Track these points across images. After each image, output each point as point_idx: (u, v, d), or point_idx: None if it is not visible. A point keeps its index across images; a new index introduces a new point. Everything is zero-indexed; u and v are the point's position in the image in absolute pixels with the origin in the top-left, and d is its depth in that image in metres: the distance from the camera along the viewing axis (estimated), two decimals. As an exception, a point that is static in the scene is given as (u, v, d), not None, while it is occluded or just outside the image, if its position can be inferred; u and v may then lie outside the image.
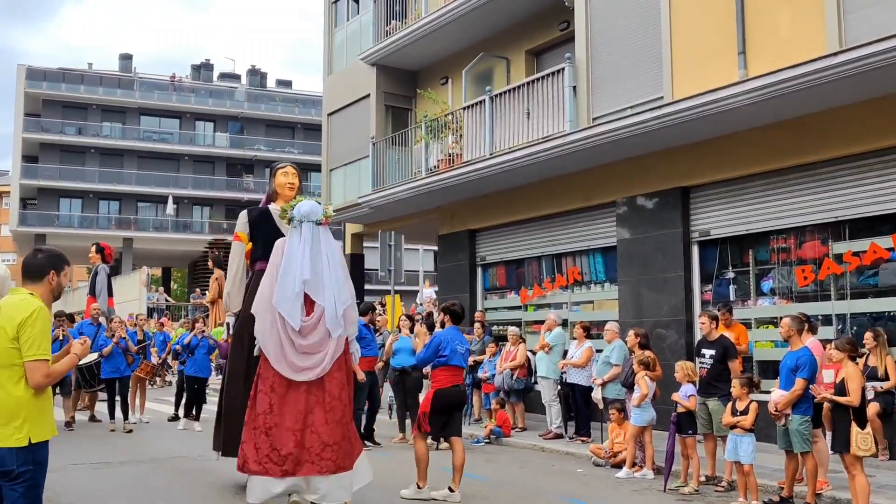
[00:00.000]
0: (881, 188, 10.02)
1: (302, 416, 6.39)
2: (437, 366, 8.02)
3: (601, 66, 12.99)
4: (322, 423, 6.39)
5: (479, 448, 11.52)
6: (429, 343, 8.21)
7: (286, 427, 6.36)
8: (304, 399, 6.43)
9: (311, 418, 6.39)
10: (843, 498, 7.68)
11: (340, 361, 6.64)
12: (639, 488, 8.69)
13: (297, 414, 6.39)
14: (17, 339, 4.10)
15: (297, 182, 8.23)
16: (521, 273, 15.84)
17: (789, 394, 7.53)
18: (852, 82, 9.22)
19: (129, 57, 55.17)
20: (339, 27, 21.24)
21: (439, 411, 7.89)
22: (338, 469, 6.39)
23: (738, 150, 11.38)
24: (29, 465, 4.10)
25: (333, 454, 6.37)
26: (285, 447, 6.32)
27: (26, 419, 4.10)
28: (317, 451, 6.35)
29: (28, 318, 4.12)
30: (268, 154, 52.04)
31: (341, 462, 6.40)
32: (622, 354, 10.67)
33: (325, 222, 6.78)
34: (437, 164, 16.09)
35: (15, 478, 4.06)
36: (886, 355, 9.50)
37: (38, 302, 4.25)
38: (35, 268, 4.40)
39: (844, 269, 10.40)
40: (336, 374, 6.57)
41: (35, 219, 47.42)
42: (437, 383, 7.98)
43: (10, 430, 4.06)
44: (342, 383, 6.62)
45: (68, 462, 9.22)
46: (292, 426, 6.36)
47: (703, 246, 12.20)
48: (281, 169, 8.28)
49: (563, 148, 12.62)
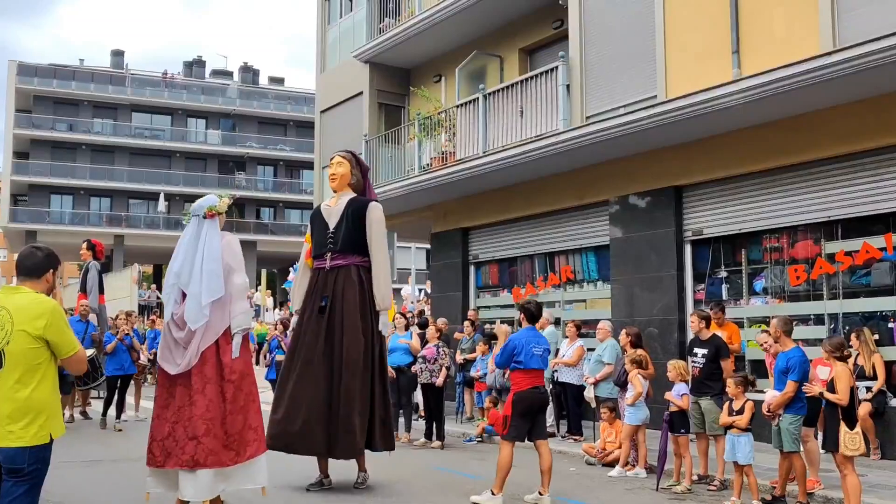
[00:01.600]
0: (874, 188, 10.05)
1: (176, 408, 6.36)
2: (513, 369, 7.73)
3: (595, 64, 12.99)
4: (190, 418, 6.29)
5: (471, 447, 11.51)
6: (503, 347, 7.89)
7: (164, 419, 6.39)
8: (179, 392, 6.39)
9: (184, 412, 6.33)
10: (834, 497, 7.69)
11: (209, 355, 6.42)
12: (632, 487, 8.69)
13: (174, 407, 6.38)
14: (42, 339, 4.21)
15: (339, 171, 8.49)
16: (514, 271, 15.84)
17: (780, 396, 7.54)
18: (846, 82, 9.23)
19: (121, 53, 54.91)
20: (333, 24, 21.18)
21: (521, 414, 7.62)
22: (196, 465, 6.23)
23: (731, 149, 11.38)
24: (39, 465, 4.20)
25: (194, 449, 6.23)
26: (158, 438, 6.35)
27: (49, 417, 4.23)
28: (181, 445, 6.27)
29: (53, 319, 4.25)
30: (259, 151, 51.99)
31: (201, 458, 6.22)
32: (614, 353, 10.66)
33: (209, 215, 6.68)
34: (430, 162, 16.07)
35: (23, 476, 4.14)
36: (872, 353, 9.48)
37: (50, 300, 4.34)
38: (36, 267, 4.45)
39: (837, 268, 10.42)
40: (206, 369, 6.40)
41: (26, 215, 47.20)
42: (515, 386, 7.71)
43: (35, 428, 4.17)
44: (216, 378, 6.42)
45: (59, 460, 9.03)
46: (169, 418, 6.36)
47: (695, 245, 12.21)
48: (330, 160, 8.72)
49: (557, 146, 12.61)
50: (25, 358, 4.17)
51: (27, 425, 4.14)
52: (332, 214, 8.44)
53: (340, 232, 8.30)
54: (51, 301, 4.33)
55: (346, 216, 8.32)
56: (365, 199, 8.52)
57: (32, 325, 4.19)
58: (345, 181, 8.54)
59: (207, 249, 6.58)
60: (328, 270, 8.29)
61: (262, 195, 52.07)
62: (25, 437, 4.13)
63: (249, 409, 6.55)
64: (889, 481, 8.41)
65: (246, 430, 6.47)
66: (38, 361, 4.22)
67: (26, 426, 4.14)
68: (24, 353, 4.16)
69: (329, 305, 8.14)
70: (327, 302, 8.15)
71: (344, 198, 8.49)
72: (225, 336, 6.53)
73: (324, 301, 8.17)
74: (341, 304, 8.13)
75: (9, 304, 4.24)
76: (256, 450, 6.54)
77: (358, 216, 8.30)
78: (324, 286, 8.26)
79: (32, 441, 4.15)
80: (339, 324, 8.10)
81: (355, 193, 8.59)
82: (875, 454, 9.51)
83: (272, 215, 53.26)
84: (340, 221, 8.33)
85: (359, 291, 8.19)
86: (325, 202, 8.76)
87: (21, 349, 4.16)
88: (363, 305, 8.20)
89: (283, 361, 12.90)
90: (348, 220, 8.29)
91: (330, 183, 8.63)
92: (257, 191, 52.10)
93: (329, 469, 8.27)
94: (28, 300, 4.27)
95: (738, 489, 7.75)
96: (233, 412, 6.41)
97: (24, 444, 4.12)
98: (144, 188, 48.74)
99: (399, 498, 7.92)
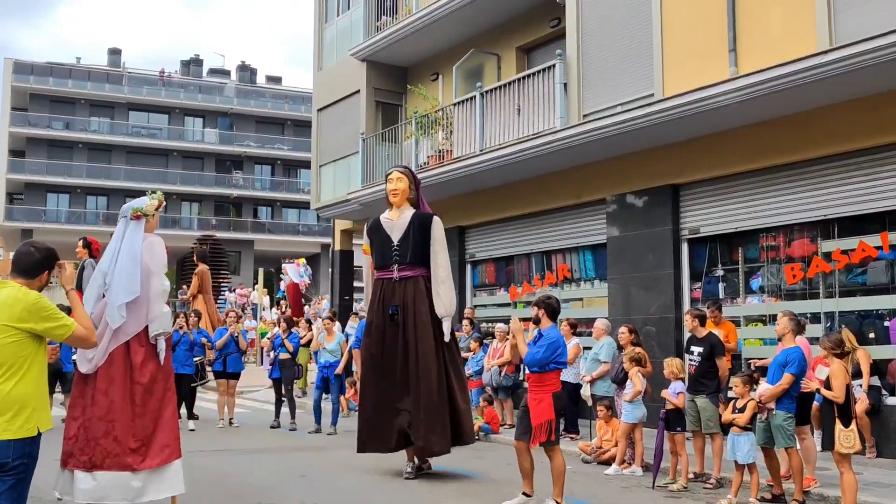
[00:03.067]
0: (870, 187, 10.04)
1: (82, 408, 6.26)
2: (552, 369, 7.25)
3: (592, 62, 12.98)
4: (90, 418, 6.18)
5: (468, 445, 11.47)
6: (544, 342, 7.23)
7: (73, 418, 6.30)
8: (88, 392, 6.28)
9: (90, 411, 6.21)
10: (830, 495, 7.69)
11: (117, 356, 6.27)
12: (628, 485, 8.69)
13: (81, 407, 6.28)
14: (25, 331, 4.20)
15: (400, 187, 9.19)
16: (511, 270, 15.83)
17: (775, 387, 7.54)
18: (842, 80, 9.24)
19: (118, 52, 54.87)
20: (330, 23, 21.16)
21: (558, 416, 7.36)
22: (94, 467, 6.09)
23: (728, 147, 11.38)
24: (24, 459, 4.16)
25: (92, 450, 6.12)
26: (66, 437, 6.26)
27: (35, 409, 4.23)
28: (81, 445, 6.17)
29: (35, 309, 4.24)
30: (257, 150, 51.96)
31: (98, 460, 6.09)
32: (611, 351, 10.64)
33: (135, 217, 6.55)
34: (426, 161, 16.06)
35: (7, 470, 4.11)
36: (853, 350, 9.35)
37: (32, 292, 4.33)
38: (31, 267, 4.45)
39: (833, 267, 10.41)
40: (112, 370, 6.27)
41: (22, 214, 47.17)
42: (551, 386, 7.22)
43: (20, 420, 4.16)
44: (122, 380, 6.26)
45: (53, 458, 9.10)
46: (77, 417, 6.27)
47: (692, 244, 12.21)
48: (388, 176, 9.40)
49: (554, 145, 12.60)
50: (8, 351, 4.17)
51: (12, 418, 4.13)
52: (396, 228, 9.14)
53: (408, 245, 9.00)
54: (32, 293, 4.32)
55: (411, 230, 9.02)
56: (428, 215, 9.23)
57: (13, 318, 4.19)
58: (405, 196, 9.22)
59: (127, 250, 6.43)
60: (396, 281, 9.01)
61: (259, 194, 52.07)
62: (10, 429, 4.12)
63: (163, 413, 6.35)
64: (885, 479, 8.42)
65: (157, 433, 6.28)
66: (23, 354, 4.21)
67: (11, 419, 4.13)
68: (6, 346, 4.17)
69: (401, 315, 8.88)
70: (396, 310, 8.89)
71: (407, 212, 9.17)
72: (137, 338, 6.33)
73: (392, 310, 8.91)
74: (413, 313, 8.86)
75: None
76: (170, 455, 6.31)
77: (423, 230, 9.02)
78: (391, 296, 8.99)
79: (18, 434, 4.13)
80: (413, 331, 8.83)
81: (413, 208, 9.28)
82: (871, 452, 9.51)
83: (269, 214, 53.25)
84: (406, 235, 9.03)
85: (428, 301, 8.89)
86: (384, 215, 9.39)
87: (3, 342, 4.16)
88: (432, 313, 8.89)
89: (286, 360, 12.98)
90: (415, 234, 9.00)
91: (391, 198, 9.31)
92: (255, 190, 52.11)
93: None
94: (8, 294, 4.27)
95: (735, 488, 7.73)
96: (141, 415, 6.23)
97: (10, 436, 4.10)
98: (141, 187, 48.17)
99: (392, 495, 7.91)
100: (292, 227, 52.23)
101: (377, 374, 8.99)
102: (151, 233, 6.62)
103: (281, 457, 10.09)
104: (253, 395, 17.64)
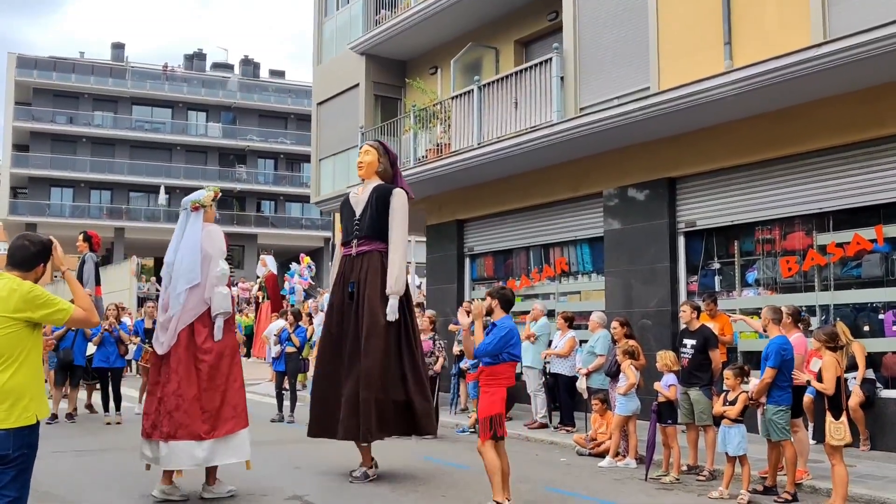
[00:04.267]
0: (865, 180, 10.04)
1: (161, 385, 7.06)
2: (504, 360, 6.79)
3: (589, 56, 12.97)
4: (165, 394, 6.96)
5: (464, 437, 11.53)
6: (496, 332, 6.77)
7: (152, 394, 7.14)
8: (163, 371, 7.11)
9: (165, 388, 7.00)
10: (822, 487, 7.71)
11: (183, 337, 7.06)
12: (621, 477, 8.72)
13: (160, 384, 7.08)
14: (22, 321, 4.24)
15: (366, 159, 8.78)
16: (509, 263, 15.85)
17: (759, 382, 7.58)
18: (837, 73, 9.23)
19: (122, 46, 54.92)
20: (329, 17, 21.16)
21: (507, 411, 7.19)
22: (170, 437, 6.87)
23: (723, 140, 11.38)
24: (24, 449, 4.20)
25: (168, 423, 6.90)
26: (147, 412, 7.15)
27: (32, 399, 4.27)
28: (161, 418, 6.95)
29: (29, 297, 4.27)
30: (260, 144, 51.97)
31: (172, 431, 6.86)
32: (606, 344, 10.67)
33: (194, 208, 7.35)
34: (425, 154, 16.08)
35: (8, 462, 4.14)
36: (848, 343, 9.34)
37: (25, 282, 4.36)
38: (25, 260, 4.48)
39: (828, 260, 10.42)
40: (180, 350, 7.03)
41: (26, 208, 47.25)
42: (505, 380, 6.82)
43: (19, 409, 4.20)
44: (188, 358, 7.04)
45: (52, 450, 9.20)
46: (155, 394, 7.08)
47: (689, 237, 12.22)
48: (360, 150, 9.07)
49: (551, 138, 12.61)
50: (6, 342, 4.20)
51: (10, 408, 4.16)
52: (360, 202, 8.65)
53: (365, 219, 8.50)
54: (26, 283, 4.35)
55: (370, 203, 8.52)
56: (389, 186, 8.67)
57: (9, 309, 4.22)
58: (371, 169, 8.78)
59: (188, 240, 7.21)
60: (354, 256, 8.52)
61: (262, 188, 52.10)
62: (9, 419, 4.15)
63: (229, 387, 7.12)
64: (878, 471, 8.44)
65: (224, 406, 7.06)
66: (20, 345, 4.25)
67: (9, 408, 4.16)
68: (4, 337, 4.19)
69: (355, 291, 8.35)
70: (353, 288, 8.37)
71: (370, 185, 8.71)
72: (200, 319, 7.12)
73: (350, 287, 8.41)
74: (364, 289, 8.30)
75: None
76: (235, 425, 7.10)
77: (382, 202, 8.48)
78: (350, 272, 8.51)
79: (16, 422, 4.16)
80: (362, 308, 8.27)
81: (382, 181, 8.77)
82: (865, 445, 9.52)
83: (273, 208, 53.29)
84: (366, 208, 8.53)
85: (381, 277, 8.32)
86: (353, 190, 8.99)
87: (1, 334, 4.19)
88: (383, 291, 8.29)
89: (292, 354, 13.00)
90: (373, 206, 8.48)
91: (357, 171, 8.92)
92: (258, 184, 52.14)
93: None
94: (3, 285, 4.30)
95: (727, 480, 7.74)
96: (209, 389, 7.01)
97: (9, 425, 4.14)
98: (145, 181, 48.75)
99: (386, 486, 7.95)
100: (295, 221, 52.26)
101: (330, 356, 8.45)
102: (210, 222, 7.39)
103: (277, 449, 10.14)
104: (254, 389, 17.69)
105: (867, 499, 7.48)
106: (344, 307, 8.45)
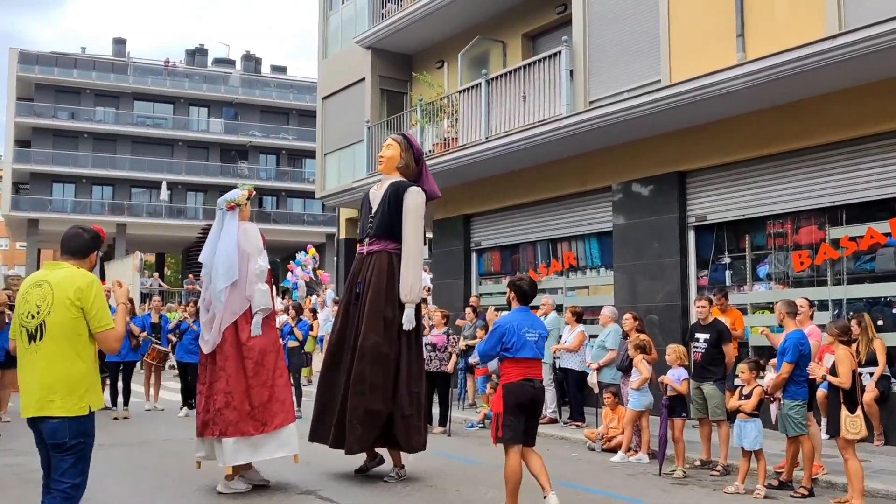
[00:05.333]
0: (878, 173, 9.97)
1: (209, 384, 7.20)
2: (503, 358, 6.39)
3: (598, 49, 12.90)
4: (215, 392, 7.10)
5: (472, 433, 11.48)
6: (490, 333, 6.49)
7: (202, 394, 7.27)
8: (210, 369, 7.24)
9: (214, 386, 7.14)
10: (838, 482, 7.65)
11: (228, 334, 7.19)
12: (633, 472, 8.66)
13: (208, 382, 7.23)
14: (80, 308, 4.32)
15: (388, 154, 8.37)
16: (517, 258, 15.78)
17: (776, 377, 7.51)
18: (851, 66, 9.15)
19: (123, 42, 54.81)
20: (335, 10, 21.10)
21: (513, 411, 6.23)
22: (222, 434, 6.99)
23: (735, 134, 11.30)
24: (81, 438, 4.31)
25: (221, 419, 7.02)
26: (199, 411, 7.28)
27: (88, 389, 4.36)
28: (212, 417, 7.07)
29: (88, 288, 4.36)
30: (262, 140, 51.86)
31: (223, 428, 7.00)
32: (617, 339, 10.60)
33: (229, 208, 7.44)
34: (432, 148, 16.00)
35: (66, 450, 4.27)
36: (871, 339, 9.32)
37: (90, 274, 4.49)
38: (80, 248, 4.60)
39: (841, 254, 10.35)
40: (226, 347, 7.17)
41: (28, 204, 47.16)
42: (504, 377, 6.42)
43: (75, 398, 4.30)
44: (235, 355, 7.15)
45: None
46: (205, 392, 7.22)
47: (699, 231, 12.14)
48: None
49: (560, 132, 12.53)
50: (66, 329, 4.30)
51: (66, 395, 4.27)
52: (376, 199, 8.23)
53: (378, 216, 8.10)
54: (90, 275, 4.47)
55: (385, 200, 8.08)
56: (406, 183, 8.17)
57: (69, 295, 4.32)
58: (392, 164, 8.28)
59: (225, 239, 7.30)
60: (365, 256, 8.15)
61: (264, 184, 51.91)
62: (65, 407, 4.26)
63: (276, 383, 7.24)
64: (893, 466, 8.38)
65: (272, 402, 7.17)
66: (79, 333, 4.34)
67: (65, 396, 4.26)
68: (65, 324, 4.29)
69: (362, 293, 7.97)
70: (361, 288, 7.99)
71: (388, 181, 8.26)
72: (244, 316, 7.23)
73: (358, 287, 8.04)
74: (367, 291, 7.90)
75: (51, 279, 4.40)
76: (283, 420, 7.22)
77: (396, 200, 8.02)
78: (359, 272, 8.12)
79: (72, 412, 4.27)
80: (362, 312, 7.88)
81: (403, 178, 8.28)
82: (879, 440, 9.46)
83: (275, 204, 53.19)
84: (380, 205, 8.11)
85: (387, 278, 7.90)
86: (374, 186, 8.54)
87: (62, 320, 4.29)
88: (390, 293, 7.89)
89: (294, 348, 12.92)
90: (387, 203, 8.05)
91: (378, 166, 8.61)
92: (259, 180, 51.93)
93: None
94: (66, 273, 4.43)
95: (742, 474, 7.68)
96: (256, 385, 7.12)
97: (65, 413, 4.24)
98: (147, 177, 48.68)
99: (399, 481, 7.88)
100: (297, 217, 52.15)
101: (330, 360, 8.13)
102: (246, 220, 7.47)
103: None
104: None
105: (883, 493, 7.42)
106: (350, 308, 8.14)
